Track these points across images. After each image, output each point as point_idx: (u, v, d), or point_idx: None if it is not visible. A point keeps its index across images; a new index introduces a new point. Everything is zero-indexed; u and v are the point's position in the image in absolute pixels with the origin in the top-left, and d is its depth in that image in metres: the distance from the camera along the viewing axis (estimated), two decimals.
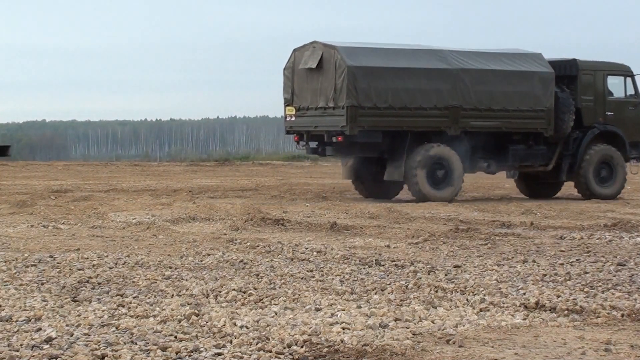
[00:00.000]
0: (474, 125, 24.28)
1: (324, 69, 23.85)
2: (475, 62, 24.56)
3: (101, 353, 7.07)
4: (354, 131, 23.37)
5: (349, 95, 23.25)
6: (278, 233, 16.06)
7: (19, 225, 16.73)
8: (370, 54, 23.89)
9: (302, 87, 24.63)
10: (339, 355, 7.22)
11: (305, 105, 24.55)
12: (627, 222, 17.60)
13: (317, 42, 24.28)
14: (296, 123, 24.92)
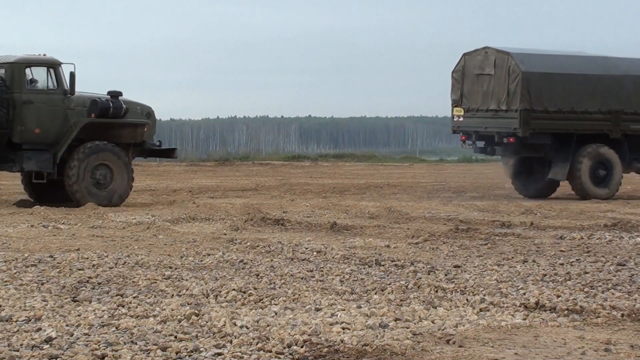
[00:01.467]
0: (633, 128, 25.86)
1: (496, 73, 25.48)
2: (638, 68, 26.24)
3: (101, 353, 7.07)
4: (526, 133, 24.98)
5: (522, 99, 24.88)
6: (278, 233, 16.06)
7: (19, 225, 16.73)
8: (542, 60, 25.73)
9: (472, 90, 26.15)
10: (339, 355, 7.22)
11: (475, 107, 26.07)
12: (627, 222, 17.60)
13: (489, 48, 25.98)
14: (464, 123, 26.40)
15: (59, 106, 21.38)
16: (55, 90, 21.36)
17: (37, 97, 21.33)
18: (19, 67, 21.32)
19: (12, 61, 21.36)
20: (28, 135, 21.21)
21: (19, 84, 21.26)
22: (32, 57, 21.62)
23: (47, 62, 21.51)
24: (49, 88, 21.44)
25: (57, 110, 21.37)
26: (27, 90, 21.32)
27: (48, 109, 21.32)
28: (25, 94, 21.26)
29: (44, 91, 21.46)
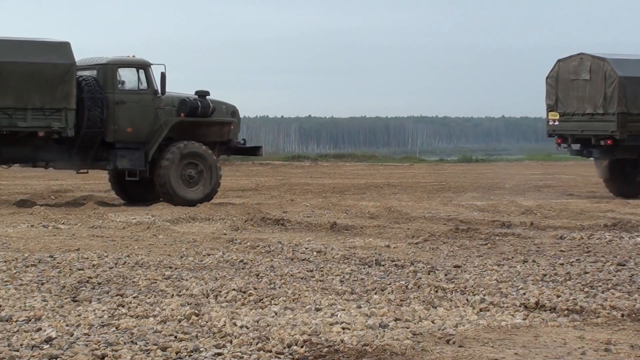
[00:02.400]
0: None
1: (592, 79, 26.41)
2: None
3: (101, 353, 7.07)
4: (623, 135, 25.91)
5: (619, 103, 25.77)
6: (278, 233, 16.06)
7: (19, 225, 16.73)
8: (637, 65, 26.57)
9: (566, 95, 27.02)
10: (339, 355, 7.22)
11: (571, 111, 26.92)
12: (627, 222, 17.59)
13: (584, 54, 26.64)
14: (560, 127, 27.28)
15: (149, 106, 22.13)
16: (146, 90, 22.13)
17: (128, 97, 22.03)
18: (111, 68, 22.03)
19: (104, 63, 22.07)
20: (121, 134, 21.92)
21: (112, 85, 21.95)
22: (123, 59, 22.34)
23: (138, 63, 22.27)
24: (140, 88, 22.18)
25: (148, 109, 22.11)
26: (119, 91, 21.98)
27: (139, 108, 22.04)
28: (117, 94, 21.92)
29: (135, 91, 22.14)
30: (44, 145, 21.55)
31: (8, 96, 20.79)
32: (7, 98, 20.79)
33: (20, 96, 20.88)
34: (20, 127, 21.00)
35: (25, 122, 20.97)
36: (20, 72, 20.86)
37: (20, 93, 20.87)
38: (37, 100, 20.97)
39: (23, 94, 20.89)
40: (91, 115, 21.54)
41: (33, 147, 21.53)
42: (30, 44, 21.31)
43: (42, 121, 21.06)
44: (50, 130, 21.18)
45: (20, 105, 20.88)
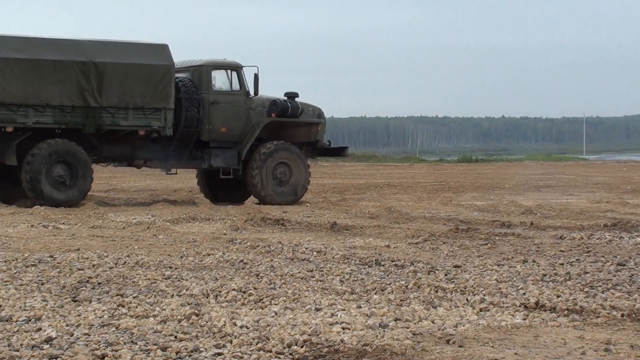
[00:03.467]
0: None
1: None
2: None
3: (101, 353, 7.07)
4: None
5: None
6: (278, 233, 16.06)
7: (19, 225, 16.73)
8: None
9: None
10: (339, 355, 7.22)
11: None
12: (627, 222, 17.59)
13: None
14: None
15: (242, 107, 23.14)
16: (238, 91, 23.12)
17: (222, 98, 23.02)
18: (206, 70, 23.02)
19: (199, 64, 23.03)
20: (215, 134, 22.92)
21: (207, 86, 22.93)
22: (217, 61, 23.33)
23: (231, 65, 23.25)
24: (233, 89, 23.16)
25: (240, 110, 23.12)
26: (214, 92, 22.95)
27: (232, 109, 23.03)
28: (212, 95, 22.90)
29: (229, 92, 23.12)
30: (141, 145, 22.46)
31: (111, 96, 21.54)
32: (110, 98, 21.53)
33: (123, 96, 21.67)
34: (122, 126, 21.81)
35: (126, 121, 21.78)
36: (122, 73, 21.64)
37: (122, 93, 21.66)
38: (138, 100, 21.78)
39: (125, 94, 21.68)
40: (188, 115, 22.44)
41: (131, 146, 22.41)
42: (132, 46, 22.15)
43: (143, 120, 21.90)
44: (150, 129, 22.03)
45: (122, 105, 21.67)
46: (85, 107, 21.41)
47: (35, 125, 21.20)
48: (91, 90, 21.42)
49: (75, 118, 21.42)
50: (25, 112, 21.06)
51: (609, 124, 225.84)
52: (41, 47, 21.30)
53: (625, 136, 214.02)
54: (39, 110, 21.12)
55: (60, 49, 21.42)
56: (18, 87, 20.94)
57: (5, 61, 20.84)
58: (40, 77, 21.08)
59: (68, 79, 21.27)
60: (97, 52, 21.59)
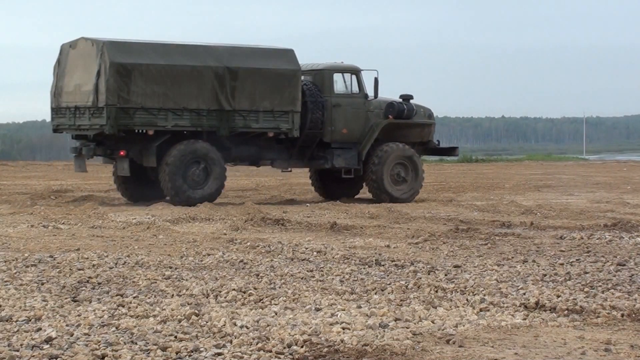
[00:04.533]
0: None
1: None
2: None
3: (101, 353, 7.07)
4: None
5: None
6: (278, 233, 16.06)
7: (19, 225, 16.73)
8: None
9: None
10: (339, 355, 7.22)
11: None
12: (627, 222, 17.59)
13: None
14: None
15: (361, 109, 24.19)
16: (358, 94, 24.18)
17: (343, 101, 24.09)
18: (328, 73, 24.14)
19: (321, 68, 24.14)
20: (337, 135, 24.00)
21: (329, 89, 24.03)
22: (338, 65, 24.37)
23: (351, 69, 24.32)
24: (352, 92, 24.21)
25: (359, 112, 24.17)
26: (335, 95, 24.03)
27: (352, 111, 24.09)
28: (334, 98, 23.99)
29: (349, 95, 24.17)
30: (267, 146, 23.61)
31: (243, 99, 22.66)
32: (242, 101, 22.64)
33: (254, 99, 22.75)
34: (253, 128, 22.94)
35: (257, 124, 22.89)
36: (254, 78, 22.72)
37: (253, 97, 22.75)
38: (267, 104, 22.85)
39: (256, 98, 22.77)
40: (313, 117, 23.57)
41: (258, 147, 23.55)
42: (261, 51, 23.23)
43: (272, 123, 22.98)
44: (279, 131, 23.13)
45: (253, 108, 22.75)
46: (219, 110, 22.52)
47: (174, 128, 22.28)
48: (225, 95, 22.53)
49: (210, 121, 22.52)
50: (165, 115, 22.13)
51: (609, 124, 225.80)
52: (179, 53, 22.40)
53: (625, 136, 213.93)
54: (177, 114, 22.22)
55: (196, 55, 22.52)
56: (158, 92, 21.99)
57: (148, 67, 21.86)
58: (179, 82, 22.17)
59: (204, 84, 22.40)
60: (230, 58, 22.71)
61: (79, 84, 22.32)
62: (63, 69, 22.82)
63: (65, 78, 22.74)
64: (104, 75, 21.59)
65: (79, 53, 22.43)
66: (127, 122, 21.84)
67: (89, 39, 22.26)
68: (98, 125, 21.86)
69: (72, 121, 22.54)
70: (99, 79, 21.69)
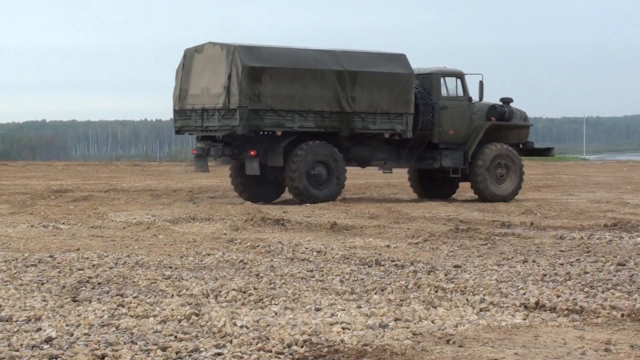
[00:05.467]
0: None
1: None
2: None
3: (101, 353, 7.07)
4: None
5: None
6: (278, 233, 16.06)
7: (19, 225, 16.72)
8: None
9: None
10: (339, 355, 7.22)
11: None
12: (627, 222, 17.59)
13: None
14: None
15: (466, 111, 25.35)
16: (462, 97, 25.33)
17: (450, 103, 25.21)
18: (436, 77, 25.30)
19: (429, 72, 25.29)
20: (444, 136, 25.14)
21: (437, 92, 25.17)
22: (444, 69, 25.55)
23: (456, 73, 25.52)
24: (458, 95, 25.36)
25: (464, 114, 25.31)
26: (443, 98, 25.17)
27: (458, 113, 25.23)
28: (441, 100, 25.11)
29: (455, 98, 25.30)
30: (379, 146, 24.67)
31: (362, 102, 23.75)
32: (361, 104, 23.75)
33: (372, 102, 23.85)
34: (371, 129, 24.02)
35: (374, 125, 24.00)
36: (372, 81, 23.83)
37: (371, 99, 23.87)
38: (384, 106, 23.97)
39: (374, 100, 23.89)
40: (424, 119, 24.77)
41: (371, 148, 24.62)
42: (377, 56, 24.36)
43: (388, 124, 24.08)
44: (394, 132, 24.20)
45: (371, 110, 23.87)
46: (340, 112, 23.63)
47: (300, 129, 23.34)
48: (346, 97, 23.66)
49: (332, 122, 23.63)
50: (292, 117, 23.21)
51: (609, 124, 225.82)
52: (304, 58, 23.57)
53: (625, 136, 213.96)
54: (302, 116, 23.31)
55: (319, 59, 23.66)
56: (286, 94, 23.11)
57: (276, 70, 23.02)
58: (304, 86, 23.33)
59: (327, 87, 23.51)
60: (349, 62, 23.82)
61: (207, 87, 23.34)
62: (188, 72, 23.76)
63: (191, 81, 23.72)
64: (235, 78, 22.64)
65: (206, 57, 23.43)
66: (257, 123, 22.89)
67: (217, 44, 23.26)
68: (229, 127, 22.88)
69: (199, 122, 23.54)
70: (230, 81, 22.76)
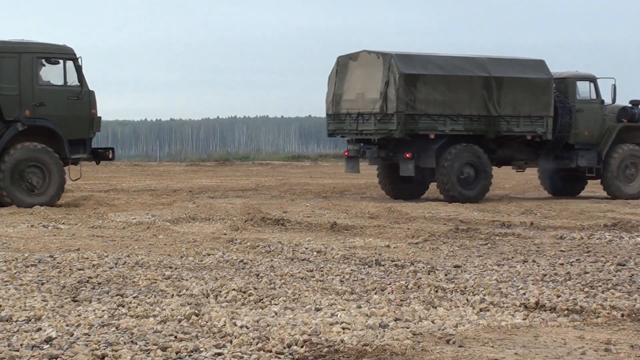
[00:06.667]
0: None
1: None
2: None
3: (101, 353, 7.07)
4: None
5: None
6: (278, 233, 16.06)
7: (19, 225, 16.72)
8: None
9: None
10: (339, 355, 7.22)
11: None
12: (627, 222, 17.60)
13: None
14: None
15: (598, 113, 26.60)
16: (595, 100, 26.62)
17: (584, 106, 26.43)
18: (572, 81, 26.53)
19: (564, 77, 26.52)
20: (579, 137, 26.37)
21: (572, 95, 26.43)
22: (578, 73, 26.72)
23: (589, 77, 26.69)
24: (591, 98, 26.65)
25: (597, 116, 26.54)
26: (578, 101, 26.41)
27: (592, 115, 26.46)
28: (577, 103, 26.34)
29: (589, 101, 26.57)
30: (518, 148, 25.91)
31: (507, 106, 25.05)
32: (506, 107, 25.06)
33: (515, 106, 25.12)
34: (515, 132, 25.31)
35: (518, 128, 25.29)
36: (515, 86, 25.14)
37: (515, 103, 25.10)
38: (526, 109, 25.24)
39: (517, 104, 25.11)
40: (562, 121, 25.98)
41: (512, 149, 25.87)
42: (519, 62, 25.74)
43: (530, 127, 25.35)
44: (535, 134, 25.44)
45: (515, 114, 25.18)
46: (487, 116, 24.97)
47: (451, 132, 24.67)
48: (492, 101, 24.99)
49: (480, 126, 24.96)
50: (444, 121, 24.57)
51: None
52: (453, 65, 24.98)
53: None
54: (453, 119, 24.66)
55: (467, 66, 25.07)
56: (438, 99, 24.54)
57: (430, 77, 24.45)
58: (454, 91, 24.73)
59: (475, 92, 24.90)
60: (495, 68, 25.21)
61: (362, 92, 24.82)
62: (342, 79, 25.26)
63: (345, 87, 25.22)
64: (393, 84, 24.11)
65: (361, 64, 24.94)
66: (413, 127, 24.33)
67: (372, 52, 24.76)
68: (386, 130, 24.33)
69: (354, 126, 25.03)
70: (387, 88, 24.20)
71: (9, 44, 21.16)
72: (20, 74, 20.93)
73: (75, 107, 21.37)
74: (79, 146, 21.57)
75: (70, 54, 21.38)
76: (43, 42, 21.62)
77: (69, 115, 21.27)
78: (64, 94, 21.35)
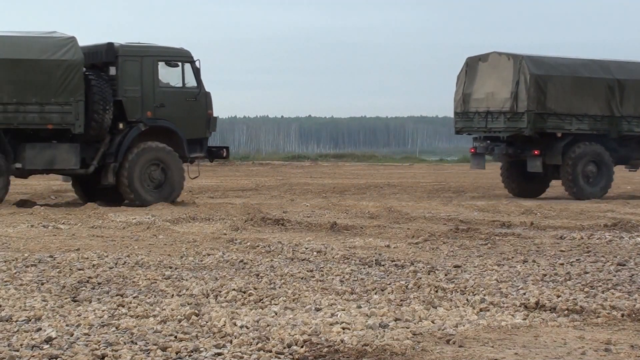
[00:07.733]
0: None
1: None
2: None
3: (101, 353, 7.07)
4: None
5: None
6: (278, 233, 16.05)
7: (19, 225, 16.72)
8: None
9: None
10: (339, 355, 7.22)
11: None
12: (627, 222, 17.60)
13: None
14: None
15: None
16: None
17: None
18: None
19: None
20: None
21: None
22: None
23: None
24: None
25: None
26: None
27: None
28: None
29: None
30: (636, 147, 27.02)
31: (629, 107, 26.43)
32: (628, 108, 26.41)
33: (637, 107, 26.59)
34: (635, 131, 26.64)
35: (638, 128, 26.62)
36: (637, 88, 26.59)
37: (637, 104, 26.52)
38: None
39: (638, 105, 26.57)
40: None
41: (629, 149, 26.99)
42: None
43: None
44: None
45: (636, 114, 26.58)
46: (610, 116, 26.47)
47: (577, 131, 26.18)
48: (615, 103, 26.49)
49: (603, 125, 26.46)
50: (570, 120, 26.09)
51: None
52: (580, 67, 26.57)
53: None
54: (579, 119, 26.17)
55: (592, 68, 26.63)
56: (565, 99, 26.02)
57: (558, 78, 25.98)
58: (580, 92, 26.20)
59: (599, 93, 26.42)
60: (617, 71, 26.73)
61: (492, 92, 26.25)
62: (472, 78, 26.66)
63: (474, 86, 26.62)
64: (524, 85, 25.65)
65: (491, 65, 26.39)
66: (542, 125, 25.89)
67: (502, 53, 26.29)
68: (516, 128, 25.82)
69: (482, 124, 26.45)
70: (518, 88, 25.72)
71: (132, 48, 21.92)
72: (142, 77, 21.77)
73: (193, 108, 22.19)
74: (196, 145, 22.34)
75: (188, 56, 22.27)
76: (163, 46, 22.45)
77: (187, 116, 22.09)
78: (183, 96, 22.17)
